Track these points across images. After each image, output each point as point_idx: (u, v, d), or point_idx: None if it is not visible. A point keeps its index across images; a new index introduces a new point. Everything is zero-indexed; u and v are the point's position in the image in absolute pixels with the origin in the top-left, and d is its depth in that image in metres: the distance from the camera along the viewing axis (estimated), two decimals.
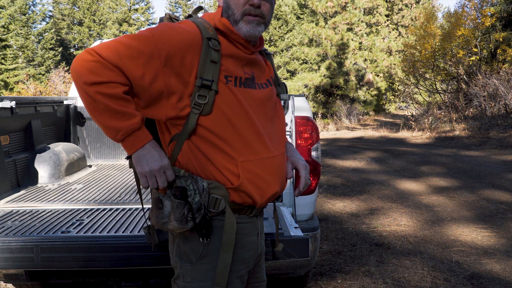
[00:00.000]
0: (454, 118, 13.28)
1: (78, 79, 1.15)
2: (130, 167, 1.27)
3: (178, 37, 1.19)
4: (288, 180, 1.53)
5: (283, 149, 1.38)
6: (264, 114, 1.31)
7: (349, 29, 22.06)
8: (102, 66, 1.13)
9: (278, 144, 1.34)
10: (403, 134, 13.92)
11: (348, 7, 21.81)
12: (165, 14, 1.39)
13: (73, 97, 3.88)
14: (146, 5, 36.83)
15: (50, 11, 36.72)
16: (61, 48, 33.21)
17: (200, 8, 1.42)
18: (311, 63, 24.96)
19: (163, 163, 1.20)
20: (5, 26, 25.26)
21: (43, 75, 28.69)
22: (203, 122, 1.21)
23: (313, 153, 2.38)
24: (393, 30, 24.24)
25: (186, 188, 1.21)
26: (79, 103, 3.89)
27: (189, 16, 1.36)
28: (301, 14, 29.23)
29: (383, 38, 23.23)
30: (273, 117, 1.36)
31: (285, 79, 26.93)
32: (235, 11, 1.25)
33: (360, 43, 22.19)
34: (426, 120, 14.42)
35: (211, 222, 1.26)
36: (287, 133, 2.41)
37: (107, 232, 1.97)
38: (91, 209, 2.38)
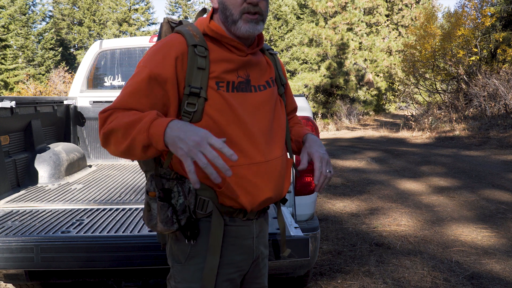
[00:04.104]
0: (454, 118, 13.28)
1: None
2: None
3: (167, 61, 1.19)
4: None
5: (281, 152, 1.33)
6: (261, 117, 1.28)
7: (349, 29, 22.05)
8: (106, 116, 1.16)
9: (276, 148, 1.30)
10: (403, 134, 13.92)
11: (348, 7, 21.81)
12: (164, 19, 1.39)
13: (73, 97, 3.88)
14: (146, 5, 36.82)
15: (50, 11, 36.75)
16: (61, 48, 33.21)
17: (204, 11, 1.41)
18: (311, 63, 24.95)
19: (201, 133, 1.02)
20: (5, 26, 25.27)
21: (43, 75, 28.69)
22: None
23: None
24: (393, 30, 24.23)
25: (170, 190, 1.22)
26: (79, 103, 3.89)
27: (180, 23, 1.34)
28: (301, 14, 29.23)
29: (383, 38, 23.23)
30: (272, 119, 1.31)
31: None
32: (233, 11, 1.22)
33: (360, 43, 22.18)
34: (426, 120, 14.42)
35: (196, 224, 1.25)
36: None
37: (107, 232, 1.97)
38: (91, 209, 2.38)
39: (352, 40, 21.76)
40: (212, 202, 1.24)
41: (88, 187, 2.90)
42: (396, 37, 23.52)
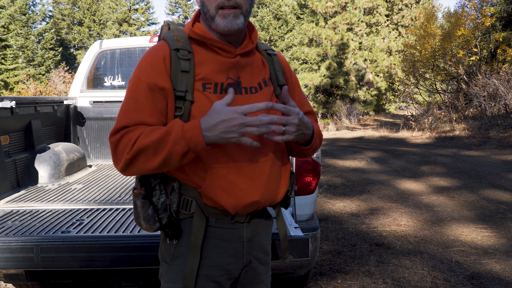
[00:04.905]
0: (454, 118, 13.28)
1: (116, 165, 1.18)
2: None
3: (158, 69, 1.20)
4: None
5: (272, 154, 1.26)
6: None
7: (349, 29, 22.06)
8: (117, 139, 1.15)
9: (267, 150, 1.24)
10: (403, 134, 13.92)
11: (348, 7, 21.82)
12: (164, 22, 1.39)
13: (73, 97, 3.88)
14: (146, 5, 36.84)
15: (50, 11, 36.75)
16: (61, 48, 33.22)
17: None
18: (311, 63, 24.96)
19: (232, 113, 1.07)
20: (5, 26, 25.27)
21: (43, 75, 28.70)
22: None
23: None
24: (393, 30, 24.24)
25: (152, 188, 1.22)
26: (79, 103, 3.89)
27: (168, 28, 1.35)
28: (301, 14, 29.23)
29: (383, 38, 23.24)
30: None
31: None
32: (209, 7, 1.19)
33: (360, 43, 22.19)
34: (426, 120, 14.42)
35: (177, 223, 1.25)
36: None
37: (107, 232, 1.97)
38: (91, 209, 2.38)
39: (352, 40, 21.76)
40: (196, 202, 1.22)
41: (88, 187, 2.90)
42: (396, 37, 23.54)
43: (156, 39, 3.97)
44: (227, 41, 1.23)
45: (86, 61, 3.98)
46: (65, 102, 3.73)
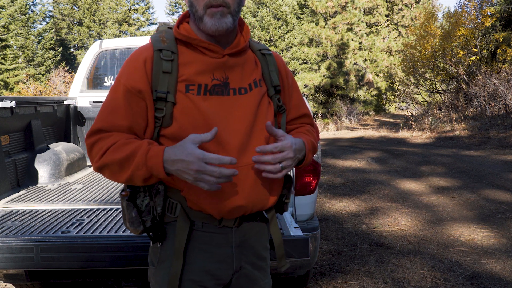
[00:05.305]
0: (454, 118, 13.28)
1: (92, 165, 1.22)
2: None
3: (137, 72, 1.20)
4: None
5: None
6: (237, 120, 1.20)
7: (349, 29, 22.06)
8: (92, 142, 1.17)
9: (254, 153, 1.18)
10: (403, 134, 13.92)
11: (348, 7, 21.82)
12: (159, 24, 1.38)
13: (73, 97, 3.88)
14: (146, 5, 36.84)
15: (50, 11, 36.75)
16: (61, 48, 33.23)
17: None
18: (311, 63, 24.96)
19: (195, 157, 1.05)
20: (5, 26, 25.27)
21: (43, 75, 28.71)
22: (165, 133, 1.19)
23: None
24: (393, 30, 24.24)
25: (137, 190, 1.21)
26: (79, 103, 3.89)
27: (157, 29, 1.35)
28: (301, 14, 29.23)
29: (383, 38, 23.24)
30: (252, 123, 1.22)
31: None
32: (197, 7, 1.17)
33: (360, 43, 22.20)
34: (426, 120, 14.42)
35: (161, 226, 1.24)
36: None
37: (107, 232, 1.97)
38: (91, 209, 2.38)
39: (352, 40, 21.76)
40: (181, 205, 1.21)
41: (88, 187, 2.90)
42: (396, 37, 23.54)
43: None
44: (215, 41, 1.21)
45: (86, 61, 3.97)
46: (65, 102, 3.73)
